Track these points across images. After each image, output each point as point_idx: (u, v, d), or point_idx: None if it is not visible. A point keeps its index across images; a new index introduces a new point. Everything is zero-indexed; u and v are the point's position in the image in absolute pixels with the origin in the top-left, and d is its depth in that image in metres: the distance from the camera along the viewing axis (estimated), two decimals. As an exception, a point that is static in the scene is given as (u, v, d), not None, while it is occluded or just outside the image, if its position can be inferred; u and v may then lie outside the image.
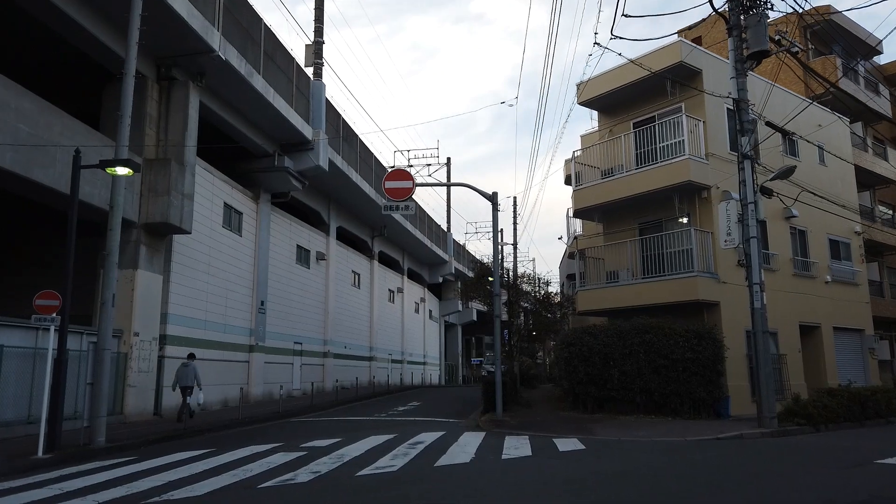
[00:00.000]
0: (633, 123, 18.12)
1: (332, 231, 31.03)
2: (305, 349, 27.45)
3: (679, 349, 14.66)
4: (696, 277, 15.55)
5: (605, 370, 15.35)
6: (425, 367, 48.92)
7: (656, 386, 14.78)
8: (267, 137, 22.56)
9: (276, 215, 25.09)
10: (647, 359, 14.97)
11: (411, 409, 20.43)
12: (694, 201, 16.66)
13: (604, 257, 18.59)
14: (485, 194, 16.21)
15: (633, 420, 14.48)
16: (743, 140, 13.57)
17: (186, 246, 18.44)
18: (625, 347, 15.28)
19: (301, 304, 27.23)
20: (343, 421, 16.59)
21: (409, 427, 14.34)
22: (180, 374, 15.08)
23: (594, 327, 16.04)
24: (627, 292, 17.20)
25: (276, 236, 25.05)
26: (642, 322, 15.22)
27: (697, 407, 14.67)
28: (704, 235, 16.05)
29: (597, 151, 18.85)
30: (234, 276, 21.54)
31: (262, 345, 23.26)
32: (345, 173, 27.56)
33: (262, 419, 16.95)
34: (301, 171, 23.91)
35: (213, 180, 20.33)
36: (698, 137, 16.40)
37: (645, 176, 16.90)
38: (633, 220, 18.19)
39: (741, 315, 16.23)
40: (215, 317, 20.18)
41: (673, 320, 15.08)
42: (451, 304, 55.98)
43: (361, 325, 35.37)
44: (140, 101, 16.33)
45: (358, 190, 29.95)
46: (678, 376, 14.63)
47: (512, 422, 14.72)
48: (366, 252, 36.80)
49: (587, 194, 18.44)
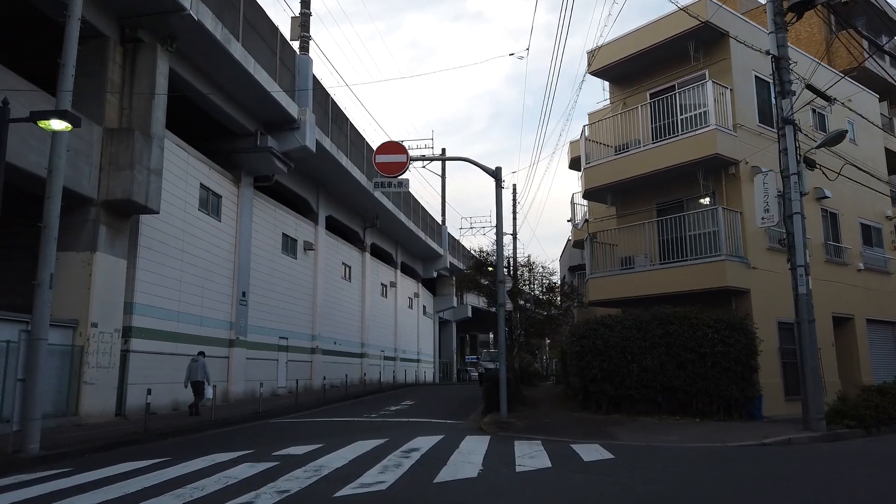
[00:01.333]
0: (650, 94, 16.44)
1: (321, 220, 29.25)
2: (292, 344, 25.67)
3: (708, 342, 12.99)
4: (725, 261, 13.87)
5: (623, 365, 13.67)
6: (419, 365, 47.19)
7: (681, 383, 13.11)
8: (248, 115, 20.78)
9: (259, 200, 23.30)
10: (671, 353, 13.30)
11: (405, 408, 18.70)
12: (720, 178, 14.98)
13: (616, 243, 16.90)
14: (487, 169, 14.51)
15: (655, 422, 12.81)
16: (784, 103, 11.90)
17: (156, 229, 16.65)
18: (645, 340, 13.61)
19: (287, 296, 25.45)
20: (328, 422, 14.86)
21: (402, 430, 12.63)
22: (191, 369, 15.50)
23: (609, 317, 14.37)
24: (644, 280, 15.52)
25: (259, 223, 23.26)
26: (665, 311, 13.55)
27: (728, 407, 13.00)
28: (732, 216, 14.38)
29: (608, 126, 17.14)
30: (212, 265, 19.76)
31: (244, 339, 21.48)
32: (334, 157, 25.79)
33: (238, 420, 15.21)
34: (286, 152, 22.13)
35: (188, 158, 18.54)
36: (725, 107, 14.73)
37: (664, 150, 15.21)
38: (650, 200, 16.51)
39: (772, 304, 14.60)
40: (190, 308, 18.40)
41: (700, 310, 13.41)
42: (445, 299, 54.26)
43: (352, 321, 33.61)
44: (101, 64, 14.62)
45: (348, 176, 28.18)
46: (707, 372, 12.96)
47: (518, 424, 13.03)
48: (357, 244, 35.03)
49: (598, 173, 16.73)
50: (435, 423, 14.33)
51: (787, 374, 14.72)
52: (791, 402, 14.58)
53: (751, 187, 14.94)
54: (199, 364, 15.58)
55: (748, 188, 14.83)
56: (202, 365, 15.62)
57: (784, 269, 15.44)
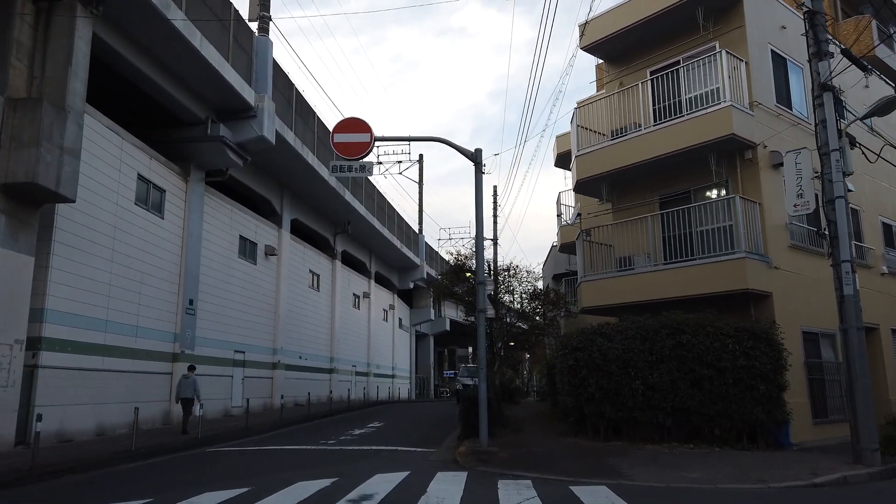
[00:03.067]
0: (650, 72, 14.40)
1: (286, 223, 26.87)
2: (249, 359, 23.19)
3: (728, 354, 10.86)
4: (745, 259, 11.78)
5: (625, 383, 11.50)
6: (394, 381, 44.71)
7: (696, 404, 10.95)
8: (198, 100, 18.46)
9: (212, 198, 20.90)
10: (683, 368, 11.15)
11: (369, 432, 16.34)
12: (734, 164, 12.94)
13: (612, 242, 14.77)
14: (465, 151, 12.34)
15: (666, 451, 10.63)
16: (821, 65, 9.89)
17: (78, 223, 14.22)
18: (651, 353, 11.45)
19: (245, 305, 23.00)
20: (274, 452, 12.48)
21: (360, 463, 10.32)
22: (181, 386, 15.42)
23: (608, 326, 12.20)
24: (645, 282, 13.40)
25: (212, 223, 20.85)
26: (676, 318, 11.42)
27: (752, 433, 10.86)
28: (750, 207, 12.32)
29: (603, 109, 15.08)
30: (152, 268, 17.31)
31: (190, 353, 18.98)
32: (298, 153, 23.49)
33: (169, 448, 12.77)
34: (241, 143, 19.79)
35: (123, 144, 16.14)
36: (740, 82, 12.72)
37: (669, 133, 13.15)
38: (651, 192, 14.42)
39: (796, 310, 12.56)
40: (123, 316, 15.92)
41: (717, 316, 11.29)
42: (422, 312, 51.94)
43: (320, 333, 31.15)
44: (5, 23, 12.26)
45: (316, 176, 25.88)
46: (727, 391, 10.81)
47: (502, 454, 10.76)
48: (327, 250, 32.64)
49: (592, 161, 14.62)
50: (402, 453, 12.03)
51: (814, 392, 12.65)
52: (820, 426, 12.52)
53: (770, 175, 12.96)
54: (189, 381, 15.43)
55: (768, 176, 12.82)
56: (192, 381, 15.43)
57: (808, 271, 13.47)
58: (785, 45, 14.19)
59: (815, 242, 13.70)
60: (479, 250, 11.87)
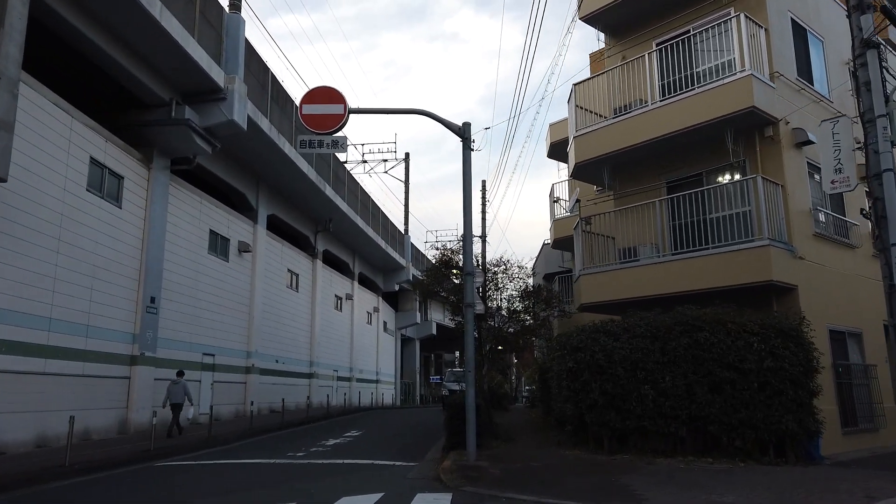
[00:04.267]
0: (657, 43, 13.03)
1: (262, 219, 25.28)
2: (220, 363, 21.56)
3: (753, 355, 9.44)
4: (769, 247, 10.38)
5: (633, 388, 10.06)
6: (378, 386, 43.08)
7: (716, 412, 9.52)
8: (161, 79, 16.90)
9: (178, 188, 19.31)
10: (701, 370, 9.72)
11: (345, 443, 14.79)
12: (753, 142, 11.55)
13: (614, 234, 13.35)
14: (451, 125, 10.89)
15: (682, 467, 9.19)
16: (863, 19, 8.53)
17: (15, 207, 12.62)
18: (663, 353, 10.02)
19: (215, 305, 21.39)
20: (230, 468, 10.93)
21: (325, 482, 8.82)
22: (171, 391, 15.17)
23: (612, 323, 10.76)
24: (652, 275, 11.97)
25: (178, 215, 19.26)
26: (692, 314, 9.99)
27: (781, 445, 9.44)
28: (773, 189, 10.93)
29: (602, 87, 13.66)
30: (107, 261, 15.71)
31: (151, 355, 17.37)
32: (274, 143, 21.96)
33: (113, 463, 11.19)
34: (209, 128, 18.23)
35: (73, 123, 14.56)
36: (759, 51, 11.35)
37: (678, 109, 11.76)
38: (657, 175, 13.02)
39: (822, 306, 11.20)
40: (71, 314, 14.32)
41: (739, 311, 9.88)
42: (408, 315, 50.41)
43: (299, 336, 29.54)
44: (-75, -25, 10.70)
45: (294, 169, 24.35)
46: (752, 397, 9.39)
47: (493, 470, 9.28)
48: (307, 249, 31.06)
49: (592, 142, 13.21)
50: (378, 468, 10.52)
51: (843, 398, 11.27)
52: (850, 436, 11.14)
53: (793, 155, 11.60)
54: (179, 386, 15.31)
55: (790, 156, 11.46)
56: (183, 386, 15.35)
57: (833, 263, 12.09)
58: (805, 15, 12.89)
59: (839, 231, 12.35)
60: (467, 236, 10.39)
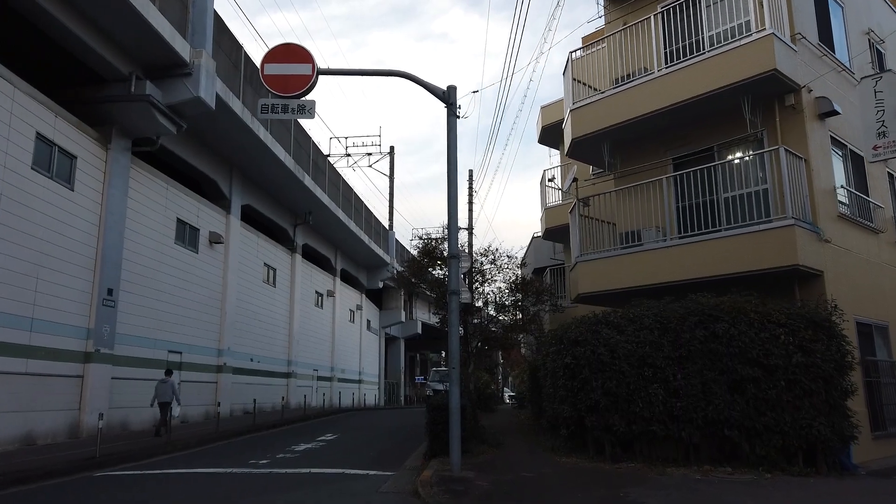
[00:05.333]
0: (662, 6, 11.78)
1: (235, 208, 23.84)
2: (188, 360, 20.10)
3: (780, 348, 8.21)
4: (794, 227, 9.15)
5: (640, 387, 8.81)
6: (360, 386, 41.68)
7: (737, 415, 8.29)
8: (119, 51, 15.45)
9: (141, 172, 17.86)
10: (718, 366, 8.49)
11: (317, 447, 13.44)
12: (772, 112, 10.33)
13: (615, 217, 12.10)
14: (434, 89, 9.58)
15: (698, 478, 7.95)
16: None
17: (-58, 183, 11.19)
18: (675, 347, 8.78)
19: (183, 299, 19.94)
20: (181, 478, 9.56)
21: (284, 496, 7.48)
22: (158, 390, 15.08)
23: (616, 314, 9.50)
24: (657, 261, 10.72)
25: (141, 201, 17.80)
26: (708, 302, 8.75)
27: (812, 452, 8.21)
28: (796, 163, 9.71)
29: (602, 58, 12.42)
30: (56, 248, 14.27)
31: (108, 352, 15.92)
32: (247, 126, 20.53)
33: (48, 472, 9.78)
34: (174, 105, 16.77)
35: (15, 94, 13.11)
36: (779, 9, 10.13)
37: (688, 75, 10.52)
38: (662, 151, 11.77)
39: (850, 296, 9.97)
40: (10, 306, 12.86)
41: (762, 300, 8.65)
42: (393, 314, 49.02)
43: (277, 333, 28.10)
44: None
45: (269, 156, 22.94)
46: (779, 397, 8.15)
47: (480, 482, 7.99)
48: (285, 243, 29.62)
49: (590, 115, 11.95)
50: (348, 479, 9.20)
51: (872, 398, 10.07)
52: (880, 441, 9.96)
53: (816, 127, 10.39)
54: (167, 385, 15.20)
55: (814, 128, 10.25)
56: (171, 385, 15.25)
57: (858, 249, 10.91)
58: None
59: (863, 213, 11.17)
60: (451, 214, 9.07)
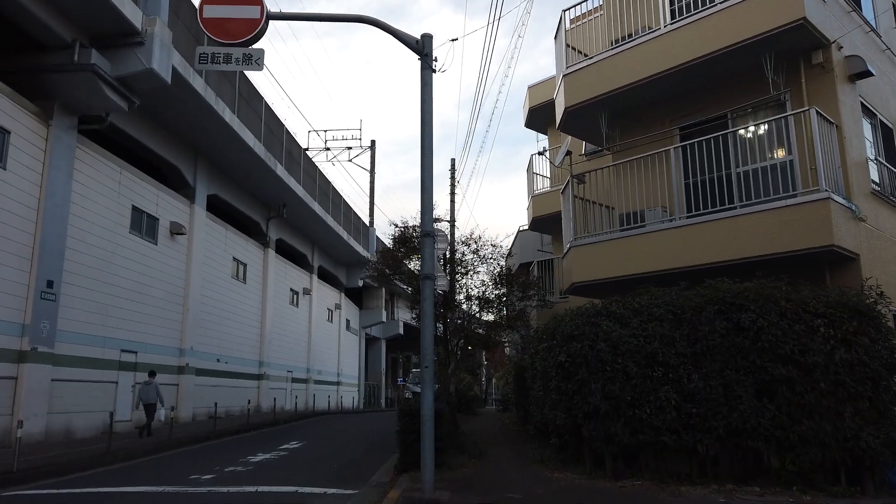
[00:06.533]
0: (668, -41, 10.40)
1: (201, 198, 22.22)
2: (144, 361, 18.41)
3: (819, 344, 6.81)
4: (828, 201, 7.75)
5: (648, 389, 7.39)
6: (339, 389, 40.05)
7: (767, 423, 6.87)
8: (61, 14, 13.85)
9: (89, 153, 16.22)
10: (744, 365, 7.08)
11: (275, 458, 11.89)
12: (797, 72, 8.96)
13: (613, 199, 10.68)
14: (406, 38, 8.10)
15: (722, 500, 6.53)
16: None
17: None
18: (690, 343, 7.36)
19: (139, 293, 18.29)
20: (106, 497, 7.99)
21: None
22: (142, 392, 15.59)
23: (618, 304, 8.06)
24: (664, 244, 9.30)
25: (88, 184, 16.17)
26: (730, 289, 7.34)
27: (857, 467, 6.81)
28: (827, 129, 8.35)
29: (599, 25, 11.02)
30: (-17, 233, 12.65)
31: (47, 351, 14.28)
32: (211, 107, 18.95)
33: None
34: (124, 78, 15.15)
35: (-70, 55, 11.49)
36: (805, -48, 8.79)
37: (700, 30, 9.13)
38: (667, 120, 10.38)
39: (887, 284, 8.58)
40: (-77, 297, 11.24)
41: (794, 286, 7.25)
42: (373, 314, 47.39)
43: (247, 332, 26.46)
44: None
45: (237, 141, 21.39)
46: (818, 402, 6.76)
47: (457, 507, 6.51)
48: (257, 237, 28.00)
49: (587, 80, 10.52)
50: (298, 500, 7.67)
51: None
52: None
53: (847, 90, 9.04)
54: (151, 386, 15.67)
55: (845, 91, 8.90)
56: (154, 387, 15.72)
57: (891, 231, 9.62)
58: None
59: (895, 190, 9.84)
60: (426, 185, 7.56)
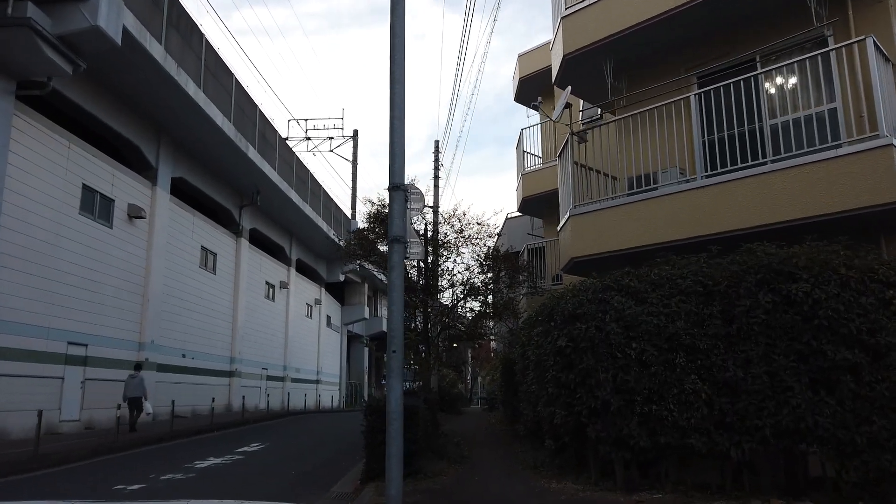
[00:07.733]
0: None
1: (164, 181, 20.56)
2: (94, 355, 16.75)
3: (892, 320, 5.37)
4: (891, 147, 6.34)
5: (671, 381, 5.91)
6: (319, 387, 38.41)
7: (826, 422, 5.42)
8: (-10, -39, 12.21)
9: (30, 122, 14.54)
10: (794, 349, 5.62)
11: (226, 464, 10.31)
12: (843, 3, 7.54)
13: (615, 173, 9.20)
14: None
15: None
16: None
17: None
18: (725, 321, 5.90)
19: (90, 281, 16.62)
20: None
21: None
22: (128, 386, 15.51)
23: (632, 275, 6.58)
24: (681, 209, 7.81)
25: (29, 157, 14.48)
26: (776, 255, 5.88)
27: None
28: (884, 67, 6.91)
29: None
30: None
31: (-25, 342, 12.66)
32: (172, 78, 17.30)
33: None
34: (66, 36, 13.50)
35: None
36: None
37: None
38: (681, 67, 8.92)
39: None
40: None
41: (854, 249, 5.81)
42: (356, 310, 45.80)
43: (217, 326, 24.79)
44: None
45: (203, 118, 19.79)
46: (892, 394, 5.31)
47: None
48: (229, 225, 26.32)
49: (588, 21, 9.01)
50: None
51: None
52: None
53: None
54: (136, 380, 15.71)
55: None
56: (140, 380, 15.76)
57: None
58: None
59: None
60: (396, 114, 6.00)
